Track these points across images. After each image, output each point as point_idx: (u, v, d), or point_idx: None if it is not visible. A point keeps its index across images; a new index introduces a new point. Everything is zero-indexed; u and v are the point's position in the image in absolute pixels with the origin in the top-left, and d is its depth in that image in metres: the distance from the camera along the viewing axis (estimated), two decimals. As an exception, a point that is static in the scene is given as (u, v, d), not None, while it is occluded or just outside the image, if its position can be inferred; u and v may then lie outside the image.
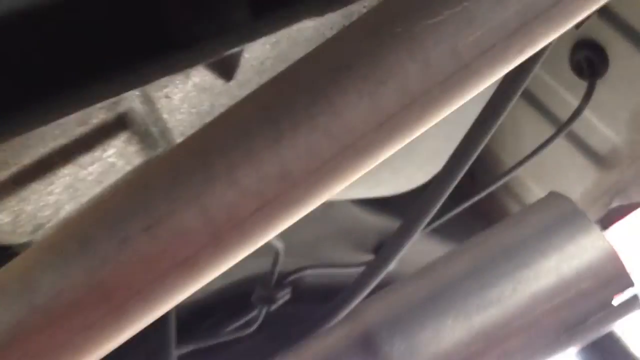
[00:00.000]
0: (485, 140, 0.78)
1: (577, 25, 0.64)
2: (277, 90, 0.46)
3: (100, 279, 0.44)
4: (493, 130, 0.78)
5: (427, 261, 0.62)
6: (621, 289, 0.43)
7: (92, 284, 0.44)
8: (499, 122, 0.76)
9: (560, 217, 0.45)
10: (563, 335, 0.43)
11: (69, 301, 0.44)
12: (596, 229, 0.43)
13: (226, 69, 0.46)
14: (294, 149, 0.44)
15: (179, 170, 0.45)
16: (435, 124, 0.45)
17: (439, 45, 0.42)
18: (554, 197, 0.46)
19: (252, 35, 0.31)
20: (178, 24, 0.32)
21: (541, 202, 0.46)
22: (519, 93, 0.75)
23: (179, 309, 1.13)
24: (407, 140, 0.46)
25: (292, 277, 1.14)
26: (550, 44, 0.72)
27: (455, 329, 0.43)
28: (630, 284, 0.42)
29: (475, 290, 0.44)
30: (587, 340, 0.44)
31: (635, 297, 0.43)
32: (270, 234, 0.47)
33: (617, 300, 0.43)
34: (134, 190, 0.45)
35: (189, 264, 0.45)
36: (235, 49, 0.32)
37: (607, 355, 1.46)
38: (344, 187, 0.48)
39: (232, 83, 0.60)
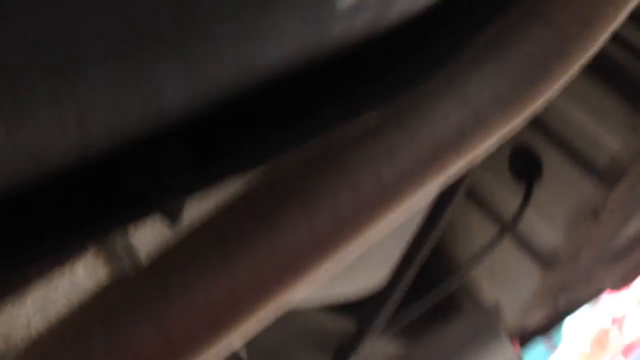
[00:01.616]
0: (429, 245, 0.84)
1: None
2: (227, 214, 0.51)
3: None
4: (436, 235, 0.84)
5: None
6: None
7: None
8: (439, 227, 0.82)
9: (477, 329, 0.50)
10: None
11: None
12: (505, 339, 0.48)
13: (172, 215, 0.52)
14: (243, 268, 0.49)
15: (138, 291, 0.49)
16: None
17: (367, 173, 0.48)
18: (473, 309, 0.51)
19: (193, 190, 0.36)
20: (134, 186, 0.38)
21: (463, 314, 0.52)
22: (454, 200, 0.81)
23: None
24: (343, 258, 0.51)
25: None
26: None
27: None
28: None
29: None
30: None
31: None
32: (223, 348, 0.51)
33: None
34: (96, 311, 0.50)
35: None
36: (179, 202, 0.37)
37: None
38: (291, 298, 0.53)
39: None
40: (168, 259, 0.50)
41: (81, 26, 0.22)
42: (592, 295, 1.24)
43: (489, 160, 1.14)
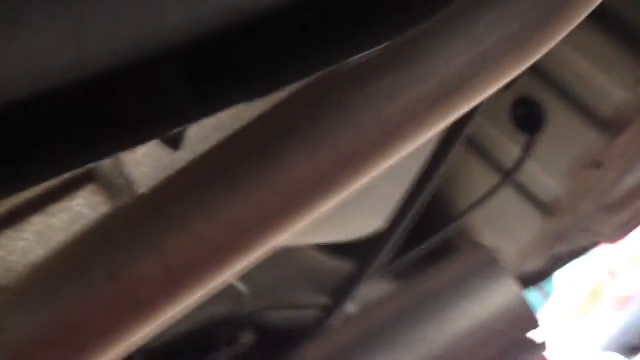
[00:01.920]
0: (429, 189, 0.84)
1: (506, 87, 0.71)
2: (229, 149, 0.51)
3: (64, 321, 0.48)
4: (436, 180, 0.84)
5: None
6: (529, 329, 0.48)
7: (56, 325, 0.48)
8: (440, 172, 0.82)
9: (478, 264, 0.50)
10: (480, 372, 0.49)
11: (34, 341, 0.48)
12: (508, 275, 0.49)
13: (173, 141, 0.52)
14: (244, 201, 0.49)
15: (138, 220, 0.49)
16: (387, 172, 0.51)
17: (368, 112, 0.48)
18: (474, 246, 0.52)
19: (193, 118, 0.36)
20: (128, 108, 0.37)
21: (463, 250, 0.52)
22: (456, 146, 0.81)
23: (142, 352, 1.15)
24: (343, 194, 0.51)
25: (254, 317, 1.17)
26: (480, 104, 0.78)
27: (384, 366, 0.49)
28: (535, 324, 0.48)
29: (404, 330, 0.49)
30: (502, 375, 0.50)
31: (543, 343, 0.49)
32: (222, 278, 0.52)
33: (526, 338, 0.49)
34: (97, 239, 0.50)
35: (147, 308, 0.49)
36: (179, 129, 0.37)
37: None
38: (292, 234, 0.53)
39: (193, 137, 0.65)
40: (167, 189, 0.50)
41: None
42: (588, 245, 1.26)
43: (490, 110, 1.14)
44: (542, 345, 0.48)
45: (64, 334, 0.49)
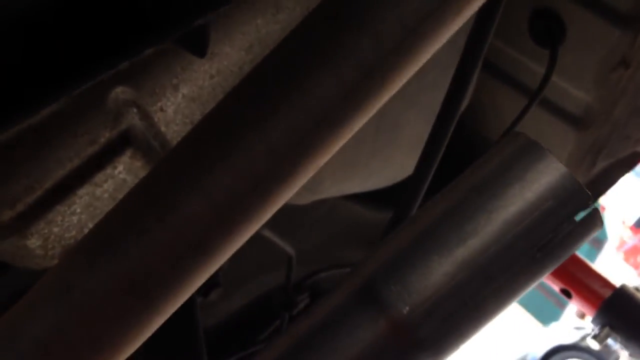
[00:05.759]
0: (455, 119, 0.83)
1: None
2: (257, 79, 0.52)
3: (125, 272, 0.49)
4: (461, 108, 0.83)
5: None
6: (581, 205, 0.48)
7: (119, 277, 0.49)
8: (464, 100, 0.81)
9: (518, 150, 0.50)
10: (537, 254, 0.49)
11: (99, 295, 0.49)
12: (550, 155, 0.48)
13: (198, 46, 0.53)
14: (277, 127, 0.49)
15: (179, 163, 0.50)
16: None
17: (386, 18, 0.48)
18: (511, 135, 0.52)
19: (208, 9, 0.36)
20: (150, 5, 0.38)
21: (500, 142, 0.52)
22: (477, 68, 0.80)
23: (206, 330, 1.17)
24: (373, 109, 0.51)
25: (308, 281, 1.19)
26: (497, 13, 0.77)
27: (441, 263, 0.49)
28: (588, 198, 0.48)
29: (453, 226, 0.49)
30: (561, 257, 0.49)
31: (595, 210, 0.49)
32: (269, 211, 0.53)
33: (580, 216, 0.49)
34: (144, 188, 0.51)
35: (202, 249, 0.50)
36: (200, 21, 0.37)
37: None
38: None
39: (218, 90, 0.66)
40: (202, 130, 0.51)
41: None
42: (632, 157, 1.23)
43: (508, 31, 1.12)
44: (598, 220, 0.48)
45: (127, 285, 0.50)
